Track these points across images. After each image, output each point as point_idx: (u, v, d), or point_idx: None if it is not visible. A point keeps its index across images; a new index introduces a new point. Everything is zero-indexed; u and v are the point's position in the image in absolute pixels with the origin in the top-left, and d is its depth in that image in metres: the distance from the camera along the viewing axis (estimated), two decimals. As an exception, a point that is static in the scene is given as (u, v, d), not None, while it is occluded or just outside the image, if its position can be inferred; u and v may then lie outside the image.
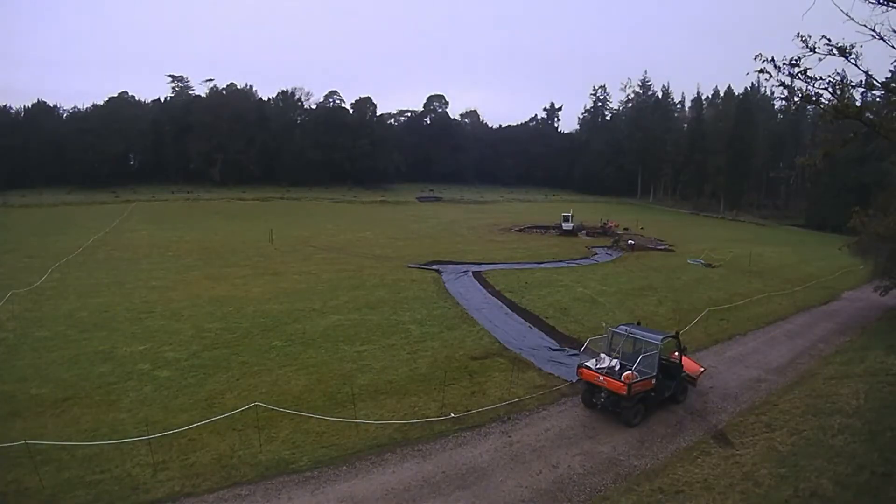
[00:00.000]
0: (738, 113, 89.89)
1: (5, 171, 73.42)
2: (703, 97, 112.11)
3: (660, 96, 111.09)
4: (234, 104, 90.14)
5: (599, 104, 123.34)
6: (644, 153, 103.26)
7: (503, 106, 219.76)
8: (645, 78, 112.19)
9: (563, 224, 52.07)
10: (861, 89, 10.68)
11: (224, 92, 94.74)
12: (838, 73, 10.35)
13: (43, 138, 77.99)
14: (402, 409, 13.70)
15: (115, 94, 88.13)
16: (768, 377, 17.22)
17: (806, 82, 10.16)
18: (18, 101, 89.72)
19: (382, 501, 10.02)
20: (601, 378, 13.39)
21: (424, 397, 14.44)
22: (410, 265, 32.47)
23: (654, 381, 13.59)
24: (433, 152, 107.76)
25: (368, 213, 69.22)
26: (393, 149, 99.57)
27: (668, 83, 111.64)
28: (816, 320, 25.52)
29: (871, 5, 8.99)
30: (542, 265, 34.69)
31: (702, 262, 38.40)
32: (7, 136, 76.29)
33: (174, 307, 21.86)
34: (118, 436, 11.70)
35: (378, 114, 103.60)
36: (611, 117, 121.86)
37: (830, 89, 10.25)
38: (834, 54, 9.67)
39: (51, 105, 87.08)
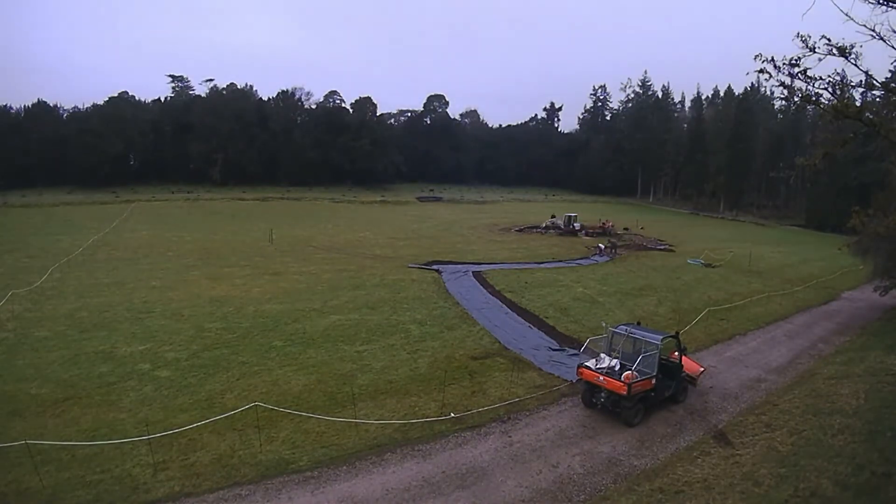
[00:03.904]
0: (738, 113, 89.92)
1: (5, 171, 73.36)
2: (703, 97, 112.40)
3: (660, 96, 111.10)
4: (234, 104, 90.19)
5: (599, 104, 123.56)
6: (644, 153, 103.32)
7: (503, 106, 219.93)
8: (645, 78, 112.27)
9: (573, 224, 52.79)
10: (861, 89, 10.70)
11: (224, 92, 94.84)
12: (838, 73, 10.37)
13: (43, 138, 77.87)
14: (402, 409, 13.70)
15: (115, 94, 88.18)
16: (768, 377, 17.22)
17: (806, 82, 10.18)
18: (18, 100, 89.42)
19: (382, 501, 10.03)
20: (601, 378, 13.39)
21: (424, 397, 14.44)
22: (411, 265, 32.47)
23: (654, 381, 13.59)
24: (433, 152, 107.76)
25: (368, 213, 69.21)
26: (393, 149, 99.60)
27: (668, 83, 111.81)
28: (816, 320, 25.52)
29: (871, 5, 9.01)
30: (542, 265, 34.68)
31: (702, 262, 38.39)
32: (7, 136, 76.29)
33: (174, 307, 21.85)
34: (118, 436, 11.70)
35: (378, 114, 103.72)
36: (611, 117, 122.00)
37: (830, 89, 10.26)
38: (834, 54, 9.68)
39: (51, 105, 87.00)
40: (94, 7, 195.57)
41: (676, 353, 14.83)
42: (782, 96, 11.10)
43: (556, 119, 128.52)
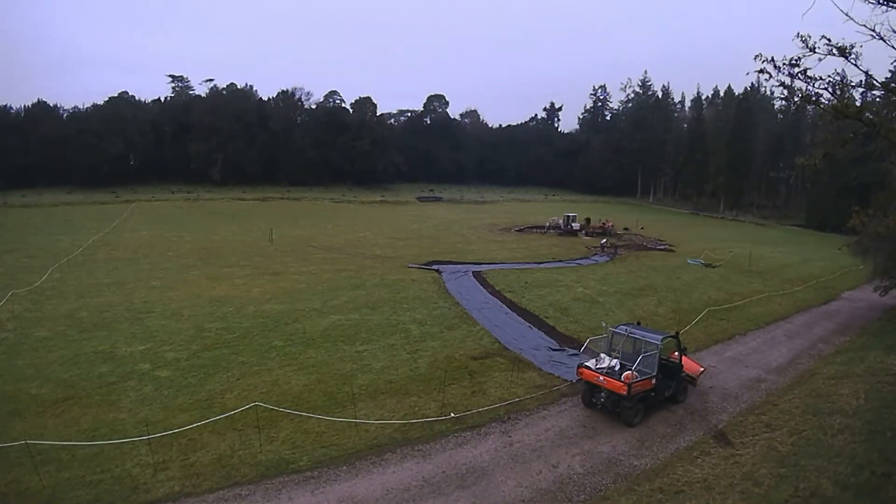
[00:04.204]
0: (738, 113, 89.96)
1: (5, 171, 73.37)
2: (703, 97, 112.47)
3: (660, 96, 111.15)
4: (234, 104, 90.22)
5: (599, 104, 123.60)
6: (644, 153, 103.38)
7: (503, 106, 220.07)
8: (645, 78, 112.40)
9: (571, 224, 52.94)
10: (861, 89, 10.70)
11: (224, 92, 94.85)
12: (838, 73, 10.38)
13: (43, 138, 77.90)
14: (402, 409, 13.70)
15: (115, 94, 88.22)
16: (768, 377, 17.22)
17: (806, 82, 10.19)
18: (18, 100, 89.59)
19: (382, 501, 10.03)
20: (601, 378, 13.39)
21: (424, 397, 14.44)
22: (411, 265, 32.47)
23: (654, 381, 13.59)
24: (433, 152, 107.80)
25: (368, 213, 69.21)
26: (393, 149, 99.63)
27: (668, 83, 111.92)
28: (816, 320, 25.52)
29: (871, 5, 9.01)
30: (542, 265, 34.69)
31: (702, 262, 38.39)
32: (7, 136, 76.28)
33: (174, 307, 21.85)
34: (118, 436, 11.70)
35: (378, 114, 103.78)
36: (611, 117, 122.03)
37: (830, 89, 10.27)
38: (834, 54, 9.68)
39: (51, 105, 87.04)
40: (94, 6, 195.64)
41: (676, 353, 14.82)
42: (782, 96, 11.12)
43: (556, 119, 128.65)
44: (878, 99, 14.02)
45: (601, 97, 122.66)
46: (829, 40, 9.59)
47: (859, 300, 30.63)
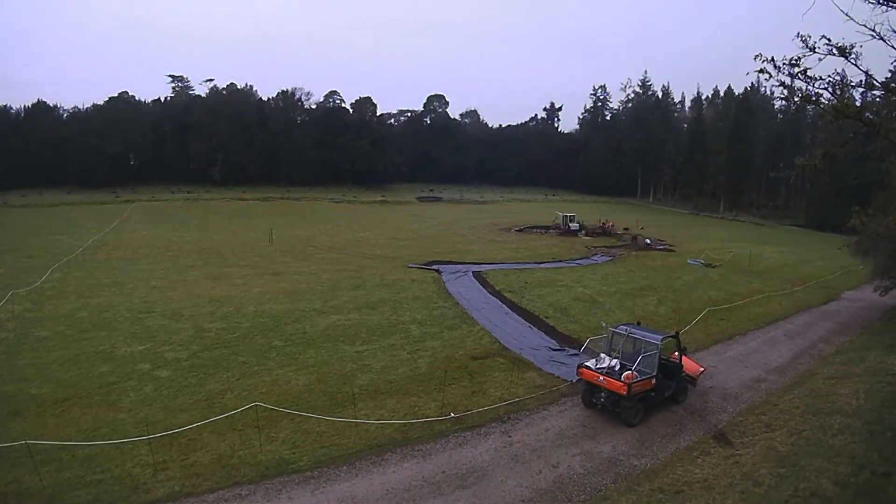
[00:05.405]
0: (738, 113, 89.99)
1: (5, 171, 73.39)
2: (703, 97, 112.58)
3: (660, 96, 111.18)
4: (234, 104, 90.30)
5: (599, 104, 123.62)
6: (644, 153, 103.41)
7: (503, 106, 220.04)
8: (645, 78, 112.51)
9: (570, 225, 52.82)
10: (861, 89, 10.68)
11: (224, 92, 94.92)
12: (838, 73, 10.36)
13: (43, 138, 77.96)
14: (402, 409, 13.70)
15: (115, 94, 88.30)
16: (768, 377, 17.22)
17: (806, 82, 10.18)
18: (18, 100, 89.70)
19: (382, 501, 10.03)
20: (601, 378, 13.39)
21: (424, 397, 14.44)
22: (410, 265, 32.47)
23: (654, 381, 13.59)
24: (433, 152, 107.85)
25: (368, 213, 69.21)
26: (393, 149, 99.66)
27: (668, 83, 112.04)
28: (816, 320, 25.52)
29: (871, 5, 8.99)
30: (542, 265, 34.68)
31: (702, 262, 38.39)
32: (7, 136, 76.31)
33: (174, 307, 21.85)
34: (118, 436, 11.70)
35: (378, 114, 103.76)
36: (611, 117, 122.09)
37: (830, 89, 10.26)
38: (834, 54, 9.67)
39: (51, 105, 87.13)
40: (94, 6, 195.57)
41: (676, 353, 14.82)
42: (782, 96, 11.11)
43: (556, 119, 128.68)
44: (878, 99, 14.01)
45: (601, 97, 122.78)
46: (829, 40, 9.58)
47: (859, 300, 30.63)
